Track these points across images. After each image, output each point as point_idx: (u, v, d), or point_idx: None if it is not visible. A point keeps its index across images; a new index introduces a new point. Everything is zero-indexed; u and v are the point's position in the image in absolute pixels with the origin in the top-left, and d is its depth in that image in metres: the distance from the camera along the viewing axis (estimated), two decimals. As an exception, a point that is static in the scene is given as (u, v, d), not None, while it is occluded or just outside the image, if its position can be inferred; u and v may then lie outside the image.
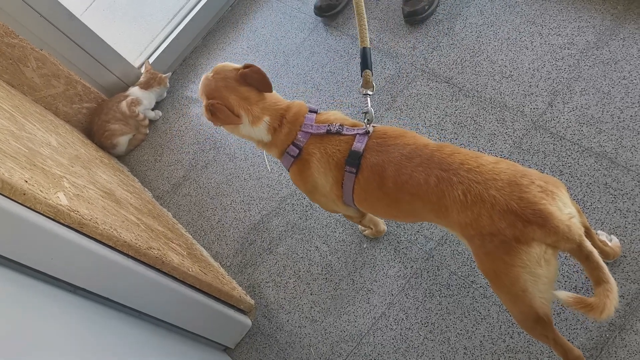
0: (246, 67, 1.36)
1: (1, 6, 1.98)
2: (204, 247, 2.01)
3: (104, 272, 1.22)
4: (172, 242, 1.69)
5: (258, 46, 2.41)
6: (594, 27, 1.78)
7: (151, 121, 2.44)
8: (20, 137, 1.43)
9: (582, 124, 1.65)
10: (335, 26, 2.26)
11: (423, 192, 1.17)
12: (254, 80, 1.36)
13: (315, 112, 1.38)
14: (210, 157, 2.21)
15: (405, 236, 1.71)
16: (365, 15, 1.40)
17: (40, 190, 1.12)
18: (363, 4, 1.42)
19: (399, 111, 1.93)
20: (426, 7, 2.07)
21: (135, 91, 2.37)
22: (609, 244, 1.43)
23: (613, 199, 1.52)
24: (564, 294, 1.05)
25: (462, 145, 1.74)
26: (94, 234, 1.21)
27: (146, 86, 2.37)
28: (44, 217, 1.09)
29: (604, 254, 1.40)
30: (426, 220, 1.27)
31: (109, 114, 2.31)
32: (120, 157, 2.41)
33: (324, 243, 1.82)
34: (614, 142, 1.59)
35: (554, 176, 1.60)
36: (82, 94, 2.33)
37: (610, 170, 1.55)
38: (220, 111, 1.33)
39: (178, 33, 2.53)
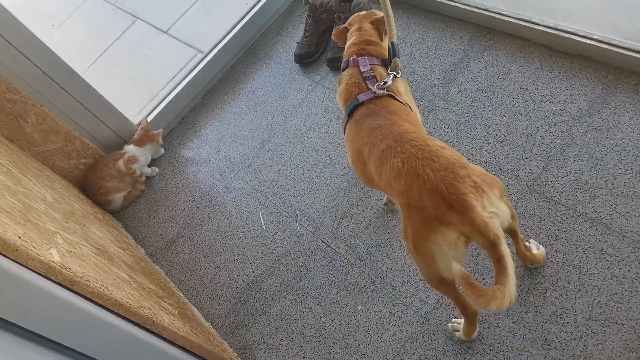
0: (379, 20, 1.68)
1: (4, 62, 2.02)
2: (195, 306, 1.97)
3: (93, 331, 1.18)
4: (164, 301, 1.66)
5: (257, 106, 2.45)
6: (586, 95, 1.83)
7: (147, 177, 2.45)
8: (16, 192, 1.43)
9: (576, 189, 1.66)
10: (332, 88, 2.32)
11: (373, 156, 1.34)
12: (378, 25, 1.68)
13: (385, 66, 1.58)
14: (205, 215, 2.21)
15: (401, 299, 1.68)
16: (392, 14, 1.59)
17: (33, 247, 1.11)
18: (389, 2, 1.61)
19: (395, 173, 1.95)
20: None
21: (131, 149, 2.39)
22: (534, 251, 1.57)
23: (609, 265, 1.51)
24: (456, 266, 1.15)
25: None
26: (85, 292, 1.18)
27: (140, 143, 2.40)
28: (36, 274, 1.07)
29: (524, 258, 1.53)
30: (376, 186, 1.44)
31: (103, 170, 2.32)
32: (115, 213, 2.40)
33: (318, 304, 1.79)
34: (608, 208, 1.60)
35: (550, 241, 1.60)
36: (80, 150, 2.34)
37: (606, 236, 1.56)
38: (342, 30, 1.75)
39: (178, 92, 2.57)
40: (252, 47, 2.70)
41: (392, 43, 1.56)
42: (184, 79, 2.62)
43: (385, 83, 1.48)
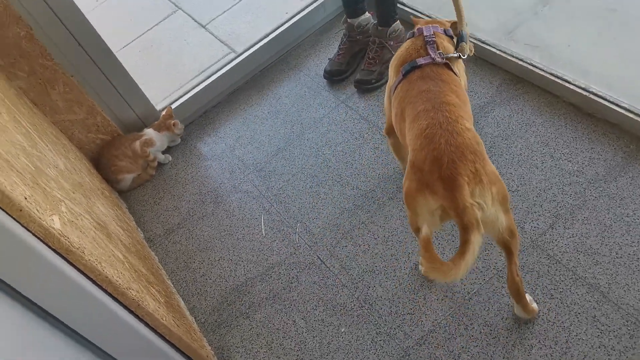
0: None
1: (43, 28, 2.06)
2: (182, 298, 1.98)
3: (78, 303, 1.19)
4: (153, 287, 1.66)
5: (278, 113, 2.47)
6: (605, 161, 1.83)
7: (159, 164, 2.47)
8: (31, 154, 1.45)
9: (579, 252, 1.65)
10: (355, 109, 2.33)
11: (412, 114, 1.43)
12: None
13: (451, 36, 1.68)
14: (208, 210, 2.22)
15: (385, 328, 1.68)
16: (461, 2, 1.65)
17: (37, 210, 1.12)
18: None
19: (402, 203, 1.95)
20: (373, 80, 2.37)
21: (150, 132, 2.42)
22: (529, 303, 1.55)
23: (599, 333, 1.50)
24: (425, 230, 1.25)
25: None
26: (79, 263, 1.19)
27: (159, 128, 2.42)
28: (34, 237, 1.08)
29: (512, 284, 1.48)
30: (406, 143, 1.48)
31: (119, 149, 2.35)
32: (122, 193, 2.42)
33: (302, 319, 1.78)
34: (608, 277, 1.58)
35: (544, 299, 1.59)
36: (99, 125, 2.37)
37: (601, 304, 1.54)
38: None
39: (205, 86, 2.60)
40: (285, 55, 2.73)
41: (461, 31, 1.66)
42: (212, 74, 2.65)
43: (445, 50, 1.58)
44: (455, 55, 1.60)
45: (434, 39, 1.61)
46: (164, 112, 2.48)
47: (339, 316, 1.75)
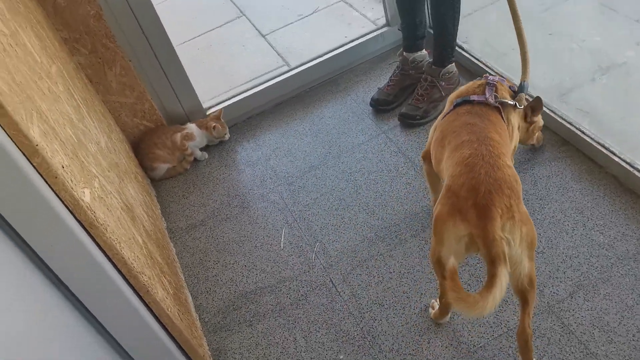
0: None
1: (113, 11, 2.15)
2: (191, 293, 1.99)
3: (91, 278, 1.22)
4: (165, 277, 1.69)
5: (319, 132, 2.50)
6: (638, 240, 1.78)
7: (195, 159, 2.52)
8: (77, 127, 1.50)
9: (595, 327, 1.61)
10: (395, 141, 2.34)
11: (454, 142, 1.45)
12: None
13: (514, 91, 1.68)
14: (233, 213, 2.24)
15: (385, 365, 1.65)
16: (528, 50, 1.70)
17: (71, 180, 1.16)
18: (525, 35, 1.69)
19: (424, 242, 1.94)
20: (418, 117, 2.37)
21: (192, 127, 2.48)
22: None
23: (602, 414, 1.44)
24: (452, 261, 1.21)
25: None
26: (99, 239, 1.22)
27: (201, 126, 2.48)
28: (63, 206, 1.12)
29: (521, 334, 1.44)
30: (440, 169, 1.53)
31: (160, 138, 2.41)
32: (154, 181, 2.47)
33: (303, 337, 1.78)
34: (620, 358, 1.53)
35: (551, 366, 1.55)
36: (146, 112, 2.44)
37: (609, 384, 1.49)
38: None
39: (253, 93, 2.65)
40: (336, 77, 2.77)
41: (523, 81, 1.68)
42: (263, 83, 2.70)
43: (501, 97, 1.59)
44: (511, 103, 1.61)
45: (494, 83, 1.63)
46: (215, 113, 2.53)
47: (340, 343, 1.74)
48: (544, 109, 2.19)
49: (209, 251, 2.13)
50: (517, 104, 1.63)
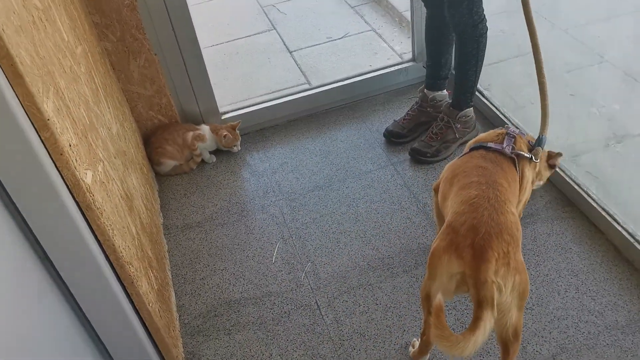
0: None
1: (148, 6, 2.18)
2: (175, 293, 1.98)
3: (77, 260, 1.22)
4: (152, 272, 1.68)
5: (328, 154, 2.51)
6: (629, 312, 1.76)
7: (203, 161, 2.53)
8: (91, 109, 1.52)
9: (573, 392, 1.58)
10: (402, 175, 2.34)
11: (462, 181, 1.47)
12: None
13: (531, 146, 1.67)
14: (230, 220, 2.24)
15: (356, 396, 1.63)
16: (549, 105, 1.71)
17: (76, 160, 1.17)
18: (547, 91, 1.70)
19: (415, 279, 1.93)
20: (428, 154, 2.38)
21: (205, 129, 2.49)
22: None
23: None
24: (440, 297, 1.20)
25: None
26: (93, 222, 1.23)
27: (213, 129, 2.49)
28: (63, 183, 1.12)
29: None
30: (444, 206, 1.53)
31: (172, 134, 2.42)
32: (158, 176, 2.48)
33: (279, 355, 1.76)
34: None
35: None
36: (162, 107, 2.46)
37: None
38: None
39: (270, 105, 2.68)
40: (354, 103, 2.79)
41: (541, 135, 1.69)
42: (282, 97, 2.72)
43: (518, 150, 1.60)
44: (527, 155, 1.61)
45: (515, 135, 1.64)
46: (233, 123, 2.53)
47: (315, 366, 1.72)
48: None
49: (201, 254, 2.13)
50: (533, 157, 1.64)
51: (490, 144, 1.59)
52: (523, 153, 1.60)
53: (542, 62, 1.72)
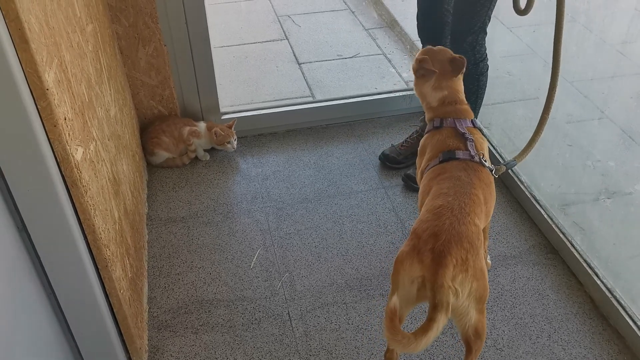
0: (457, 57, 1.79)
1: (164, -5, 2.20)
2: (148, 284, 1.96)
3: (56, 234, 1.20)
4: (128, 259, 1.66)
5: (322, 168, 2.51)
6: (597, 366, 1.76)
7: (196, 157, 2.52)
8: (92, 88, 1.51)
9: None
10: (392, 200, 2.34)
11: (437, 190, 1.51)
12: (455, 65, 1.78)
13: (474, 125, 1.73)
14: (215, 220, 2.23)
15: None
16: (539, 138, 1.73)
17: (69, 134, 1.16)
18: (544, 127, 1.72)
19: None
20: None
21: (202, 126, 2.49)
22: None
23: None
24: (395, 301, 1.28)
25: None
26: (76, 199, 1.22)
27: (209, 128, 2.49)
28: (53, 156, 1.11)
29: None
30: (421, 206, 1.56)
31: (170, 126, 2.42)
32: (150, 166, 2.47)
33: (244, 362, 1.74)
34: None
35: None
36: (164, 98, 2.46)
37: None
38: (425, 62, 1.77)
39: (271, 112, 2.68)
40: (354, 122, 2.80)
41: (514, 160, 1.76)
42: (284, 106, 2.73)
43: (483, 157, 1.63)
44: (489, 167, 1.64)
45: (471, 137, 1.66)
46: (228, 122, 2.54)
47: (278, 378, 1.70)
48: (543, 212, 2.19)
49: (180, 249, 2.11)
50: (495, 171, 1.66)
51: (459, 154, 1.61)
52: (486, 164, 1.62)
53: (552, 102, 1.74)
